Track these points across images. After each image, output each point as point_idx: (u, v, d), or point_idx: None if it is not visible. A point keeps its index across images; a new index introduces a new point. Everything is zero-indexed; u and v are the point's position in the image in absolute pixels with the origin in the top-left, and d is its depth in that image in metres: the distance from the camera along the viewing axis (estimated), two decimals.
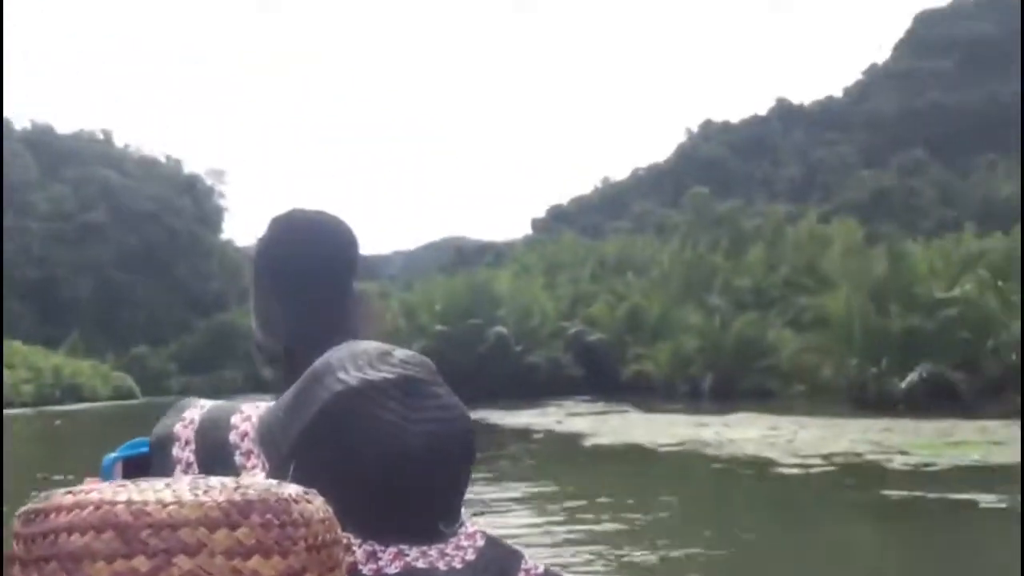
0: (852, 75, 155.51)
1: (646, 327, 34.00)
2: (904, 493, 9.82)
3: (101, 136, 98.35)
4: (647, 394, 29.36)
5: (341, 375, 0.90)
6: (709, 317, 29.95)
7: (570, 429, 18.59)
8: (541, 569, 0.91)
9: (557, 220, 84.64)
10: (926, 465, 11.63)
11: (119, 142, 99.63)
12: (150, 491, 0.58)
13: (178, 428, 0.96)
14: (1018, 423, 15.10)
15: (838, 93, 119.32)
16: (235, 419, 0.96)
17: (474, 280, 36.13)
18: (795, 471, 11.64)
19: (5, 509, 4.28)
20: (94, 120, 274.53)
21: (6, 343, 43.02)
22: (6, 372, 41.23)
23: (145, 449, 1.04)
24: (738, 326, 28.88)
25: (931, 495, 9.57)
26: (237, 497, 0.59)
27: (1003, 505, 8.77)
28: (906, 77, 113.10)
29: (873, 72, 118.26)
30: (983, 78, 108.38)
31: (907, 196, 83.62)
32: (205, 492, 0.59)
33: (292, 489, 0.64)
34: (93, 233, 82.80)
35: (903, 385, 20.78)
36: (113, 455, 1.13)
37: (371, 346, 0.96)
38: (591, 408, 24.74)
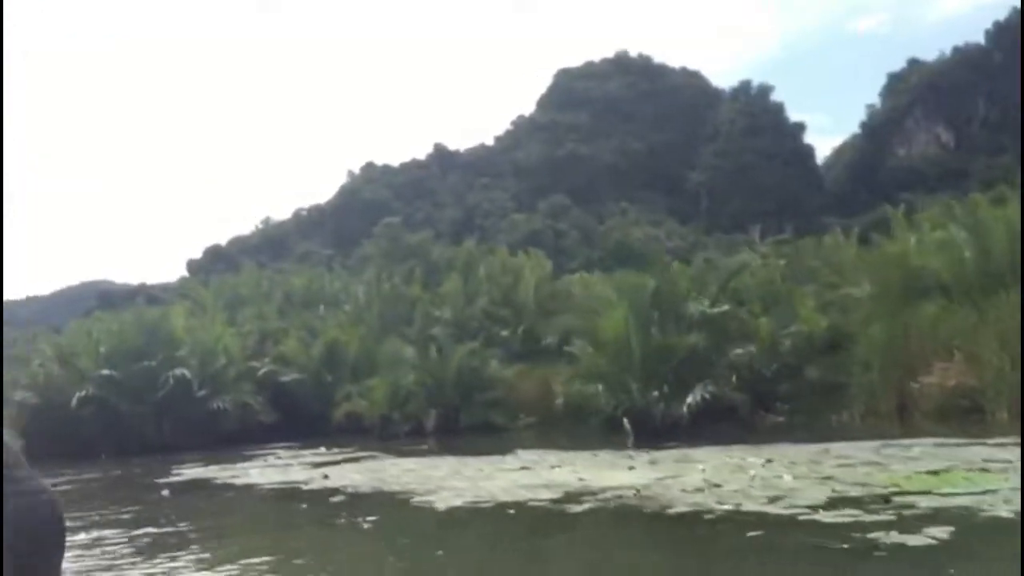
0: (502, 125, 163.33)
1: (345, 363, 31.32)
2: None
3: None
4: (361, 435, 26.52)
5: None
6: (425, 349, 27.86)
7: (357, 485, 14.37)
8: None
9: (215, 260, 78.79)
10: (980, 509, 9.07)
11: None
12: None
13: None
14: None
15: (490, 141, 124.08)
16: None
17: (144, 318, 31.20)
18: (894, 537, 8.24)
19: None
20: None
21: None
22: None
23: None
24: (458, 358, 27.08)
25: None
26: None
27: None
28: (548, 129, 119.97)
29: (520, 123, 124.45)
30: (612, 131, 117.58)
31: (555, 238, 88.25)
32: None
33: None
34: None
35: (684, 409, 19.81)
36: None
37: None
38: (323, 457, 21.19)
